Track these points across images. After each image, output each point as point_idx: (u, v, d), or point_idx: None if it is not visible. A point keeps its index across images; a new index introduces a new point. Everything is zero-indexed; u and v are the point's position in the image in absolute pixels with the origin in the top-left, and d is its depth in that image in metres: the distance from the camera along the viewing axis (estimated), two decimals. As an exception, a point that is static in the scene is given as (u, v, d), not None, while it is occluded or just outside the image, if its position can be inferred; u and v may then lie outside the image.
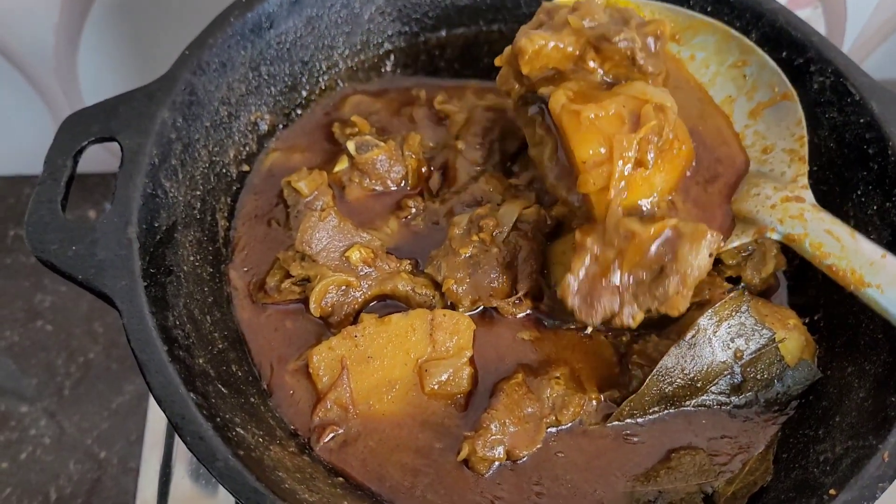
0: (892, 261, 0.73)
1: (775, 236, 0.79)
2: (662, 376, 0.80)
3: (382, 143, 0.93)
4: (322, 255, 0.84)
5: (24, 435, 1.21)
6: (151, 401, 1.13)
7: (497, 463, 0.78)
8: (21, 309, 1.32)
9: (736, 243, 0.81)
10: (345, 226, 0.86)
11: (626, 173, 0.75)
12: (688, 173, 0.81)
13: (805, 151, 0.83)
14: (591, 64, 0.80)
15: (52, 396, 1.25)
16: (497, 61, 0.84)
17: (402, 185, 0.94)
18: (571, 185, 0.79)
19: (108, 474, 1.19)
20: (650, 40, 0.80)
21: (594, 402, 0.81)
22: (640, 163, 0.75)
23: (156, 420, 1.11)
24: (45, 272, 1.33)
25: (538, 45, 0.79)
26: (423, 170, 0.96)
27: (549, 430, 0.80)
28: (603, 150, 0.75)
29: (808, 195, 0.80)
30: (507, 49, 0.83)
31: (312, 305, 0.83)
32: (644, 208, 0.78)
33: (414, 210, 0.92)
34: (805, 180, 0.81)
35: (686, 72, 0.90)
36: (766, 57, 0.88)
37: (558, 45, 0.79)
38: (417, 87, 1.04)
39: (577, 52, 0.80)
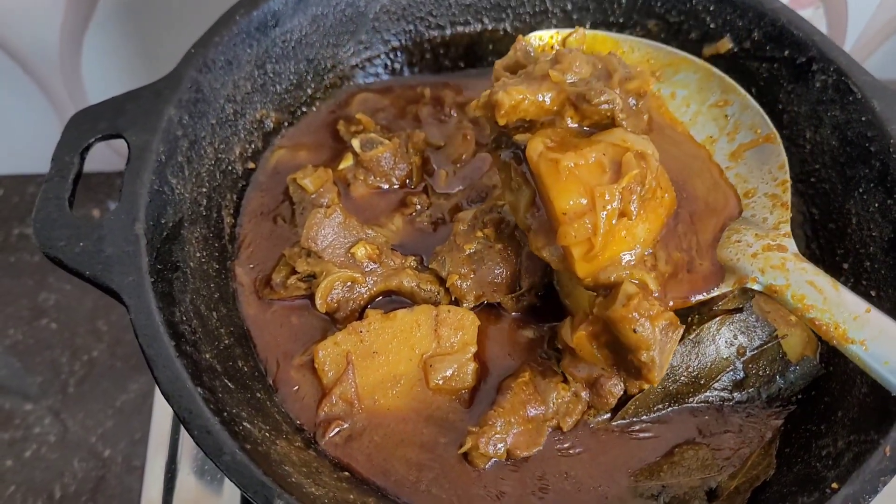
0: (876, 315, 0.70)
1: (756, 286, 0.76)
2: (667, 375, 0.80)
3: (387, 141, 0.93)
4: (328, 251, 0.85)
5: (28, 433, 1.22)
6: (156, 398, 1.13)
7: (494, 459, 0.79)
8: (25, 307, 1.33)
9: (715, 292, 0.77)
10: (350, 222, 0.86)
11: (612, 224, 0.72)
12: (670, 222, 0.78)
13: (788, 197, 0.80)
14: (569, 121, 0.77)
15: (56, 395, 1.25)
16: (472, 106, 0.81)
17: (407, 182, 0.95)
18: (551, 239, 0.76)
19: (112, 472, 1.19)
20: (632, 100, 0.78)
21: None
22: (623, 213, 0.72)
23: (161, 417, 1.11)
24: (49, 270, 1.34)
25: (515, 100, 0.75)
26: (427, 167, 0.97)
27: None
28: (584, 201, 0.72)
29: (791, 244, 0.77)
30: (484, 95, 0.78)
31: (318, 301, 0.83)
32: (625, 260, 0.75)
33: (418, 207, 0.92)
34: (787, 228, 0.78)
35: (670, 114, 0.89)
36: (749, 97, 0.86)
37: (536, 99, 0.76)
38: (422, 85, 1.05)
39: (556, 108, 0.77)
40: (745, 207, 0.82)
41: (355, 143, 0.93)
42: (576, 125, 0.77)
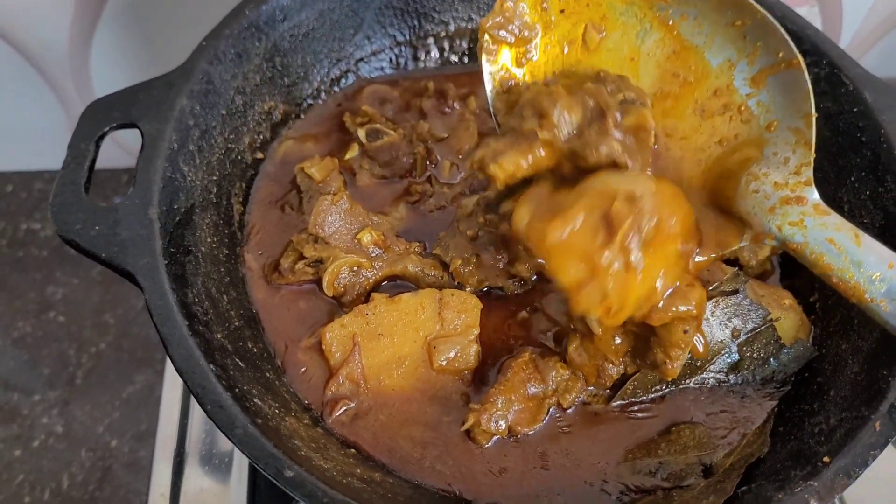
0: None
1: (773, 243, 0.72)
2: None
3: (392, 132, 0.96)
4: (335, 237, 0.87)
5: (36, 423, 1.23)
6: (165, 389, 1.14)
7: (496, 436, 0.80)
8: (33, 301, 1.35)
9: (734, 247, 0.74)
10: (356, 209, 0.88)
11: (621, 282, 0.69)
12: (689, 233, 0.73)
13: (812, 134, 0.74)
14: (565, 170, 0.75)
15: (63, 386, 1.27)
16: (468, 167, 0.80)
17: (411, 172, 0.97)
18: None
19: (119, 462, 1.21)
20: (630, 140, 0.73)
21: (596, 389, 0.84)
22: (627, 267, 0.69)
23: (169, 407, 1.12)
24: (56, 265, 1.36)
25: (511, 170, 0.73)
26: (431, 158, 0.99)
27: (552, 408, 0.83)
28: (585, 267, 0.69)
29: (812, 193, 0.72)
30: (478, 155, 0.75)
31: (325, 285, 0.85)
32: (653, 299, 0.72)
33: (422, 195, 0.94)
34: (809, 172, 0.73)
35: (681, 40, 0.80)
36: (769, 17, 0.76)
37: (530, 163, 0.74)
38: (426, 79, 1.07)
39: (552, 163, 0.74)
40: (766, 144, 0.76)
41: (361, 133, 0.95)
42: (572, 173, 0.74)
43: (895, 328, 0.67)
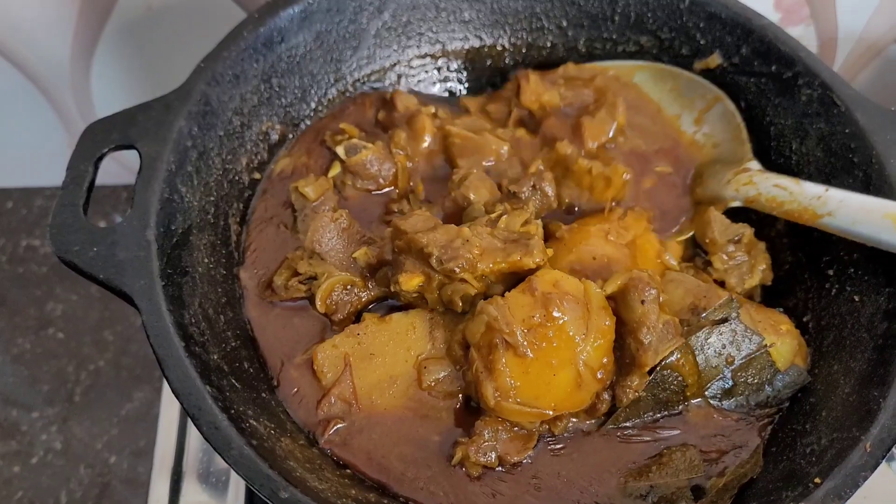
0: (834, 192, 0.85)
1: (737, 204, 0.93)
2: (658, 383, 0.82)
3: (370, 145, 0.95)
4: (330, 254, 0.87)
5: (35, 440, 1.23)
6: (163, 406, 1.15)
7: (489, 468, 0.80)
8: (33, 317, 1.34)
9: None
10: (354, 228, 0.89)
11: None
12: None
13: (745, 135, 0.98)
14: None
15: (62, 403, 1.26)
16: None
17: (393, 184, 0.97)
18: None
19: (117, 479, 1.21)
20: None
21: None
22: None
23: (167, 425, 1.12)
24: (56, 281, 1.36)
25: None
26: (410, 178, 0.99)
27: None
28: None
29: (754, 164, 0.95)
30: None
31: (318, 301, 0.86)
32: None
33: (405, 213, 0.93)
34: (750, 155, 0.97)
35: (646, 95, 1.06)
36: (692, 75, 1.03)
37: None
38: (420, 98, 1.06)
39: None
40: (719, 155, 1.00)
41: (340, 150, 0.95)
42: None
43: (848, 231, 0.83)
